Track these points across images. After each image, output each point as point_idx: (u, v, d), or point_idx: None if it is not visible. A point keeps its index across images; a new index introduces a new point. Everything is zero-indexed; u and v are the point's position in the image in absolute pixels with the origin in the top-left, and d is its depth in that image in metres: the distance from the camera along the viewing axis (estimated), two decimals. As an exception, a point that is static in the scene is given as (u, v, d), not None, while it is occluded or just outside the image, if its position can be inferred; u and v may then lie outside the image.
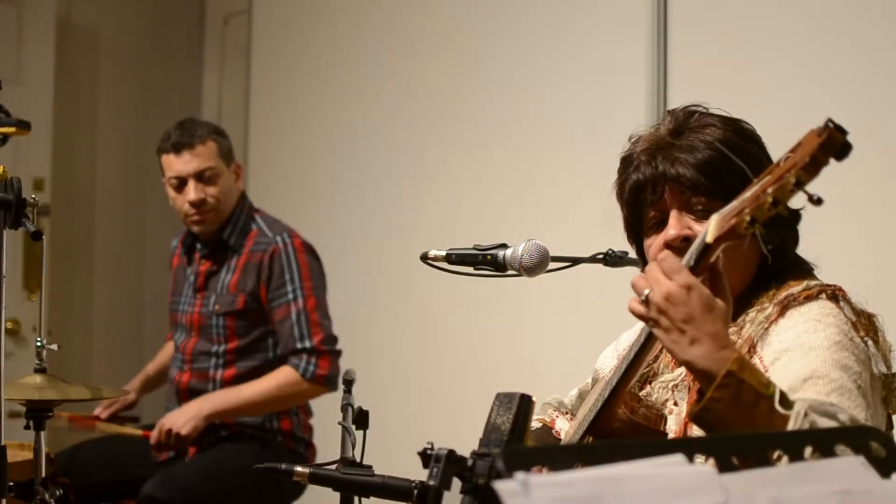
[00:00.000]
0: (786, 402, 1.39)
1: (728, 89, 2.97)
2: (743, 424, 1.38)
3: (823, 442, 1.16)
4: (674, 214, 1.69)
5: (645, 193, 1.72)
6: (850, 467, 1.10)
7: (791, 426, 1.36)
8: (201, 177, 3.26)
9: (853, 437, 1.16)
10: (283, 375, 3.22)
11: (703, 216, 1.66)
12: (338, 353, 3.27)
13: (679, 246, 1.66)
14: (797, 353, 1.57)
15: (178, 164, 3.26)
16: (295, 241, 3.32)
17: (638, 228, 1.77)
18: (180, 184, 3.27)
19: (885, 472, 1.11)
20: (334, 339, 3.28)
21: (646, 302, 1.45)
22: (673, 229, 1.68)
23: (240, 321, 3.31)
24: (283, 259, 3.27)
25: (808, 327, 1.60)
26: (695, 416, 1.43)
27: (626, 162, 1.77)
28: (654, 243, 1.71)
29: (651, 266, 1.46)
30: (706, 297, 1.42)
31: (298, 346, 3.22)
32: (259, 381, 3.23)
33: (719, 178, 1.66)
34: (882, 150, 2.68)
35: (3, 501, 2.00)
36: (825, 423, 1.41)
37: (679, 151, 1.69)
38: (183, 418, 3.14)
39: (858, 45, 2.81)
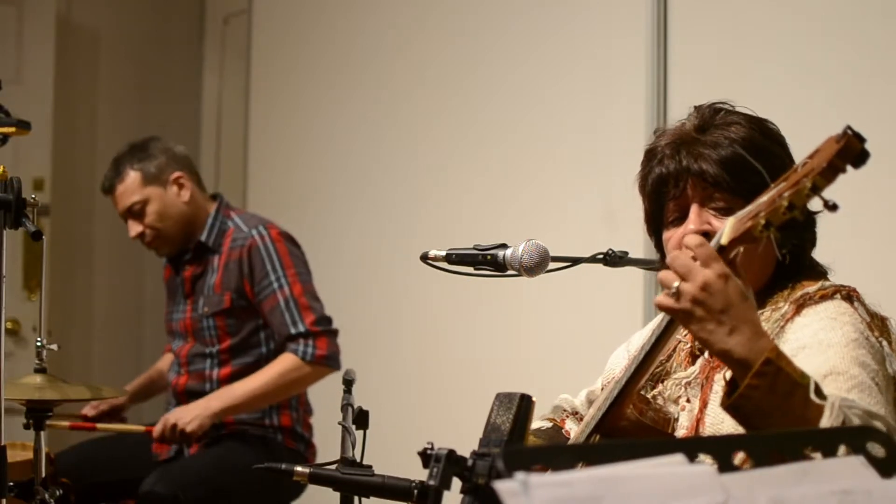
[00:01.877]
0: (819, 392, 1.38)
1: (728, 90, 2.93)
2: (778, 413, 1.37)
3: (824, 442, 1.16)
4: (694, 209, 1.70)
5: (667, 187, 1.73)
6: (850, 467, 1.10)
7: (826, 416, 1.36)
8: (131, 212, 3.33)
9: (853, 437, 1.16)
10: (284, 363, 3.21)
11: (723, 212, 1.67)
12: (334, 332, 3.26)
13: None
14: (815, 350, 1.57)
15: (114, 203, 3.37)
16: (271, 231, 3.32)
17: (658, 221, 1.78)
18: (126, 219, 3.38)
19: (885, 472, 1.11)
20: (328, 320, 3.27)
21: (676, 294, 1.40)
22: (693, 224, 1.69)
23: (229, 319, 3.31)
24: (262, 251, 3.27)
25: (824, 325, 1.61)
26: (730, 405, 1.40)
27: (650, 155, 1.78)
28: (673, 237, 1.73)
29: (678, 255, 1.42)
30: (741, 286, 1.41)
31: (292, 331, 3.21)
32: (261, 371, 3.22)
33: (742, 175, 1.67)
34: (881, 151, 2.67)
35: (3, 501, 2.00)
36: (852, 416, 1.40)
37: (703, 147, 1.71)
38: (189, 415, 3.13)
39: (858, 45, 2.81)
